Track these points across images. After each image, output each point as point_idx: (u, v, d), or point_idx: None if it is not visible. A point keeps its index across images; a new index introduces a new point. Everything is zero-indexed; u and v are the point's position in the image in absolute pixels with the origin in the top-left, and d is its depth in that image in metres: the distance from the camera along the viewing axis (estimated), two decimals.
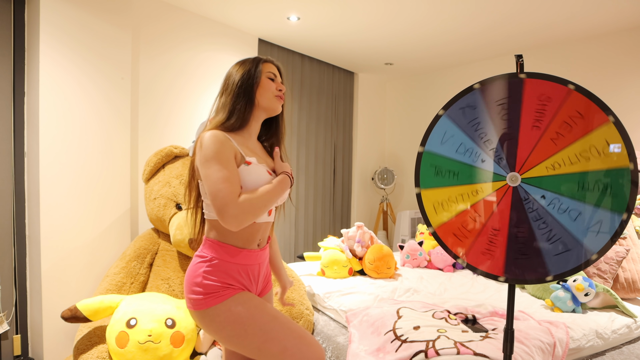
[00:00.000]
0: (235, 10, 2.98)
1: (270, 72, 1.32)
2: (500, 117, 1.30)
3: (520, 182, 1.27)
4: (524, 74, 1.26)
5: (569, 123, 1.22)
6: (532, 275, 1.26)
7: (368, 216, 4.91)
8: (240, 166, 1.21)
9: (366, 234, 2.83)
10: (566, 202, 1.22)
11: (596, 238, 1.19)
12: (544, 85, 1.24)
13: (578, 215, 1.20)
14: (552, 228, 1.23)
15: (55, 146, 2.24)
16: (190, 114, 3.01)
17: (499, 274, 1.29)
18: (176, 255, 2.29)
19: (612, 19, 2.92)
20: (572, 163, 1.21)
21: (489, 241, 1.30)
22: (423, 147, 1.38)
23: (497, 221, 1.29)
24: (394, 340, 1.70)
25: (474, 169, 1.33)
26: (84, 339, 1.90)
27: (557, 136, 1.23)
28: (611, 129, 1.17)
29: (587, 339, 1.82)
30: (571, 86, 1.21)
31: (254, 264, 1.28)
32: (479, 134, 1.32)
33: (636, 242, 2.43)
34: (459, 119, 1.34)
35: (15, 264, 2.27)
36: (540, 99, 1.25)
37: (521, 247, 1.26)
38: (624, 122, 1.27)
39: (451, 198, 1.35)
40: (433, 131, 1.37)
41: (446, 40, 3.50)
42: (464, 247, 1.34)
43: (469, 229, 1.33)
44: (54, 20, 2.20)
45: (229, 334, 1.17)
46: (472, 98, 1.32)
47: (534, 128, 1.26)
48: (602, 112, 1.18)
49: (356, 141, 4.74)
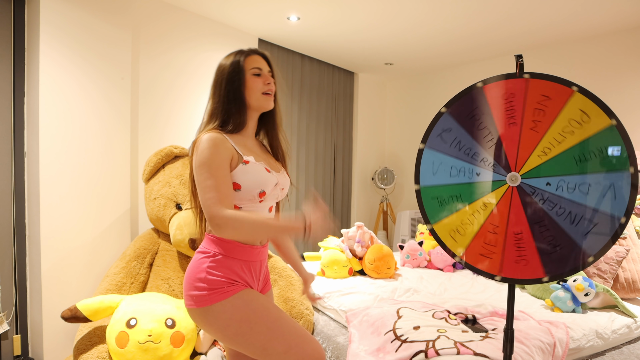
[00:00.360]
0: (235, 10, 2.98)
1: (255, 67, 1.27)
2: (477, 128, 1.33)
3: (520, 180, 1.28)
4: (481, 82, 1.32)
5: (540, 108, 1.25)
6: (569, 267, 1.22)
7: (368, 216, 4.91)
8: (238, 165, 1.21)
9: (366, 234, 2.83)
10: (571, 179, 1.22)
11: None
12: (505, 84, 1.29)
13: (589, 187, 1.20)
14: (570, 210, 1.22)
15: (55, 146, 2.24)
16: (190, 114, 3.01)
17: (541, 276, 1.26)
18: (176, 255, 2.29)
19: (612, 19, 2.92)
20: (559, 142, 1.24)
21: (517, 247, 1.28)
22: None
23: (516, 224, 1.28)
24: (394, 340, 1.70)
25: (473, 185, 1.34)
26: (84, 339, 1.90)
27: (535, 124, 1.26)
28: (578, 98, 1.21)
29: (587, 339, 1.82)
30: (526, 76, 1.27)
31: (255, 261, 1.28)
32: (464, 151, 1.35)
33: (636, 242, 2.43)
34: (440, 146, 1.37)
35: (15, 264, 2.27)
36: (505, 97, 1.29)
37: (551, 239, 1.25)
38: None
39: (464, 221, 1.35)
40: (421, 166, 1.40)
41: (446, 40, 3.50)
42: (497, 263, 1.30)
43: (495, 245, 1.31)
44: (54, 20, 2.20)
45: (235, 332, 1.16)
46: (445, 121, 1.37)
47: (511, 125, 1.29)
48: (563, 86, 1.22)
49: (356, 141, 4.74)
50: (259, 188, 1.23)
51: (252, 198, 1.23)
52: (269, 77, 1.30)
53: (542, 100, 1.25)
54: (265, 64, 1.31)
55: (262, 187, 1.23)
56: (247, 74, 1.26)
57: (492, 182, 1.31)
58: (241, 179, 1.20)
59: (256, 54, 1.30)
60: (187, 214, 2.17)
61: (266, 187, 1.25)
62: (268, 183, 1.25)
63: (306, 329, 2.09)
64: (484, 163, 1.32)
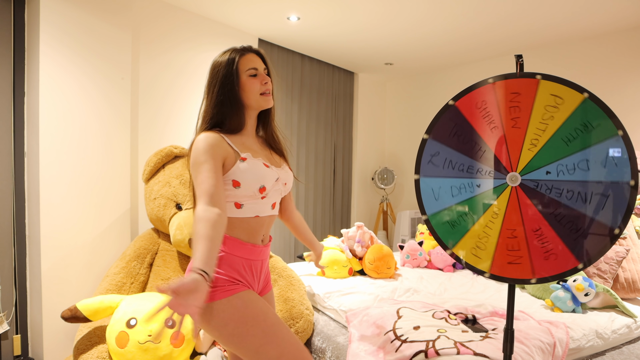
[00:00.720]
0: (235, 10, 2.98)
1: (251, 68, 1.26)
2: (462, 143, 1.35)
3: (520, 177, 1.29)
4: (452, 100, 1.36)
5: (514, 105, 1.28)
6: (599, 246, 1.21)
7: (368, 216, 4.91)
8: (236, 163, 1.21)
9: (366, 234, 2.83)
10: (568, 161, 1.23)
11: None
12: (475, 94, 1.33)
13: (587, 163, 1.21)
14: (579, 190, 1.22)
15: (55, 146, 2.24)
16: (190, 114, 3.01)
17: (575, 264, 1.23)
18: (176, 255, 2.30)
19: (612, 19, 2.92)
20: (543, 130, 1.26)
21: (542, 244, 1.27)
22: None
23: (532, 221, 1.28)
24: (394, 340, 1.70)
25: (477, 197, 1.34)
26: (84, 339, 1.90)
27: (515, 121, 1.29)
28: (545, 84, 1.25)
29: (587, 339, 1.82)
30: (490, 80, 1.31)
31: (257, 260, 1.28)
32: (458, 168, 1.36)
33: (636, 242, 2.43)
34: (434, 172, 1.39)
35: (15, 264, 2.27)
36: (478, 105, 1.33)
37: (570, 225, 1.24)
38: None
39: (480, 235, 1.34)
40: (422, 197, 1.40)
41: (446, 40, 3.50)
42: (527, 267, 1.28)
43: (518, 249, 1.30)
44: (54, 20, 2.20)
45: (231, 332, 1.16)
46: (430, 147, 1.39)
47: (494, 130, 1.31)
48: (528, 79, 1.26)
49: (356, 141, 4.74)
50: (258, 183, 1.22)
51: (253, 194, 1.23)
52: (265, 77, 1.28)
53: (513, 98, 1.29)
54: (260, 62, 1.30)
55: (261, 183, 1.23)
56: (243, 75, 1.26)
57: (495, 189, 1.32)
58: (240, 176, 1.20)
59: (250, 52, 1.29)
60: (187, 214, 2.18)
61: (266, 182, 1.24)
62: (267, 178, 1.25)
63: (306, 329, 2.09)
64: (481, 173, 1.33)
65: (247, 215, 1.24)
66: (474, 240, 1.35)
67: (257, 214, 1.26)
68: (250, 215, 1.25)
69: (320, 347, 2.04)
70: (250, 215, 1.25)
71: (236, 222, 1.23)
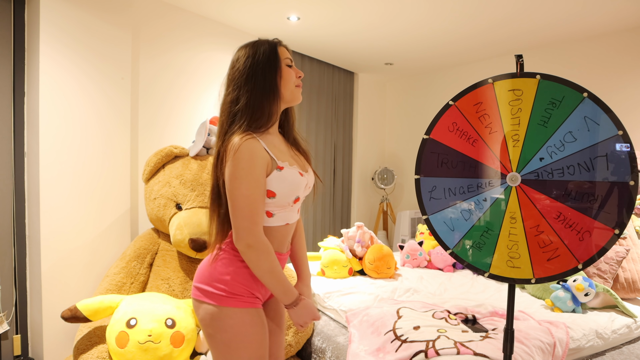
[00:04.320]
0: (235, 10, 2.98)
1: (288, 57, 1.21)
2: (453, 168, 1.38)
3: (520, 175, 1.29)
4: (425, 135, 1.41)
5: (481, 114, 1.34)
6: (622, 205, 1.19)
7: (368, 216, 4.91)
8: (273, 172, 1.13)
9: (366, 234, 2.83)
10: (554, 140, 1.25)
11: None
12: (443, 120, 1.39)
13: (572, 134, 1.22)
14: (578, 162, 1.22)
15: (55, 146, 2.24)
16: (190, 114, 3.01)
17: (580, 261, 1.23)
18: (176, 255, 2.29)
19: (612, 19, 2.92)
20: (518, 123, 1.29)
21: (570, 227, 1.24)
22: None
23: (552, 209, 1.26)
24: (394, 340, 1.70)
25: (488, 212, 1.35)
26: (84, 339, 1.90)
27: (490, 128, 1.33)
28: (498, 85, 1.30)
29: (587, 339, 1.82)
30: (451, 102, 1.37)
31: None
32: (459, 192, 1.38)
33: (636, 242, 2.43)
34: (438, 206, 1.41)
35: (15, 264, 2.27)
36: (451, 129, 1.38)
37: (587, 196, 1.22)
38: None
39: (509, 244, 1.31)
40: (440, 235, 1.41)
41: (446, 40, 3.50)
42: (572, 259, 1.24)
43: (550, 242, 1.26)
44: (54, 20, 2.20)
45: (224, 340, 1.15)
46: (426, 184, 1.42)
47: (474, 143, 1.36)
48: (481, 87, 1.33)
49: (356, 141, 4.74)
50: (294, 194, 1.18)
51: (287, 205, 1.18)
52: (299, 71, 1.24)
53: (478, 108, 1.34)
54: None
55: (297, 193, 1.18)
56: (283, 63, 1.19)
57: (501, 196, 1.31)
58: (276, 187, 1.14)
59: (282, 44, 1.24)
60: (187, 214, 2.17)
61: (300, 192, 1.19)
62: (301, 187, 1.19)
63: (306, 328, 2.09)
64: (483, 188, 1.34)
65: (278, 223, 1.20)
66: (505, 253, 1.31)
67: (287, 222, 1.22)
68: (281, 224, 1.21)
69: (320, 347, 2.05)
70: (281, 224, 1.21)
71: (266, 231, 1.17)
